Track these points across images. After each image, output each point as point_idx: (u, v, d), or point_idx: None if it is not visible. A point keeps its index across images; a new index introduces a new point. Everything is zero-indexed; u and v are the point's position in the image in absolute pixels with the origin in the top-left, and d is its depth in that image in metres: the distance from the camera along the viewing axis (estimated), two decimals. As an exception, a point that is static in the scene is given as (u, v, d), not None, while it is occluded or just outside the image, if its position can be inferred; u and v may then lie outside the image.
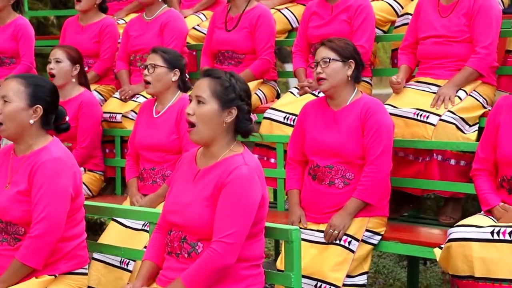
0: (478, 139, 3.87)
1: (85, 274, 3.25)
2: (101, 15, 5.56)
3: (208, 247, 2.81)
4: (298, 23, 5.30)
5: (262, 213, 2.90)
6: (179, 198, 2.95)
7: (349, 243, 3.66)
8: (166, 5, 5.39)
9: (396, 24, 5.06)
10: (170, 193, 3.03)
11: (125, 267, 3.97)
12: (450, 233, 3.28)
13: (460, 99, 4.10)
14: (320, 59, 3.80)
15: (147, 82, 4.28)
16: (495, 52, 4.25)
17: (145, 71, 4.27)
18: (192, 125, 2.92)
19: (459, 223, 3.36)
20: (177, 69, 4.29)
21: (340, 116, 3.79)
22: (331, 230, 3.67)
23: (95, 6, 5.51)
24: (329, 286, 3.58)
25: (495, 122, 3.43)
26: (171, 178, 3.21)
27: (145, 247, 3.55)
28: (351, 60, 3.79)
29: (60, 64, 4.86)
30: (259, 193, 2.85)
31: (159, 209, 3.34)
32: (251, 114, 2.97)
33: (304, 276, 3.46)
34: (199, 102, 2.91)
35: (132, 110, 5.04)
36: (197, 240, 2.88)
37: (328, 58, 3.77)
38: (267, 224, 3.03)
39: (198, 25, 5.78)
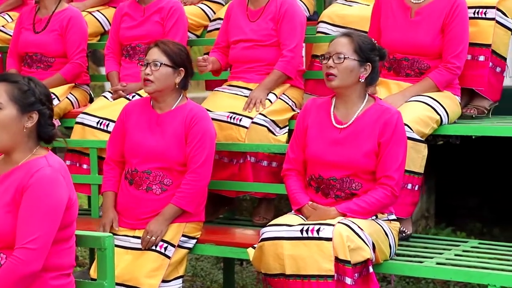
0: (288, 141, 4.00)
1: None
2: None
3: (10, 255, 2.66)
4: (110, 26, 5.20)
5: (70, 217, 2.79)
6: None
7: (165, 249, 3.64)
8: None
9: (209, 29, 5.12)
10: None
11: None
12: (263, 233, 3.35)
13: (271, 102, 4.22)
14: (151, 61, 3.73)
15: None
16: (300, 55, 4.43)
17: None
18: None
19: (271, 222, 3.44)
20: None
21: (164, 120, 3.76)
22: (148, 237, 3.63)
23: None
24: (145, 292, 3.54)
25: (303, 124, 3.56)
26: None
27: None
28: (182, 69, 3.76)
29: None
30: (65, 194, 2.74)
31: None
32: (54, 119, 2.87)
33: (118, 284, 3.39)
34: None
35: None
36: (0, 250, 2.72)
37: (159, 62, 3.72)
38: (80, 232, 2.93)
39: (3, 26, 5.50)
